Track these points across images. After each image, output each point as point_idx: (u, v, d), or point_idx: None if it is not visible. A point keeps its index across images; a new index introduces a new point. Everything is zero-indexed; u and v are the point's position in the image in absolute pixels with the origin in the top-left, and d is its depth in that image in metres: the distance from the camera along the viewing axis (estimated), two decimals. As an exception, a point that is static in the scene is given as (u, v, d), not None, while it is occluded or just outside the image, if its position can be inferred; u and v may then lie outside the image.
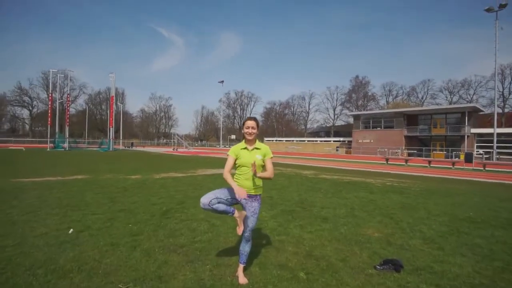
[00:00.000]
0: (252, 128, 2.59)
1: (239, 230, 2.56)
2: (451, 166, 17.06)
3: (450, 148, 32.96)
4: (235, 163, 2.60)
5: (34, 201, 5.48)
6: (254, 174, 2.45)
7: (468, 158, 16.39)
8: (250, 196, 2.60)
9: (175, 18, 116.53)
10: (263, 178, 2.59)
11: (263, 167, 2.64)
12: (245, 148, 2.60)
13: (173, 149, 40.51)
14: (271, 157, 2.70)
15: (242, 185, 2.57)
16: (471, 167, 16.53)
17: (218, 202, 2.50)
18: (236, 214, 2.51)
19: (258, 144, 2.66)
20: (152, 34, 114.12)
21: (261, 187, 2.67)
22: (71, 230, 3.76)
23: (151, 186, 7.65)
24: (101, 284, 2.44)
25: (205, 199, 2.48)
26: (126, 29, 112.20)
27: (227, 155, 2.61)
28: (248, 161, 2.54)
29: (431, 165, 18.33)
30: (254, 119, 2.64)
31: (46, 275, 2.55)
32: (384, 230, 4.15)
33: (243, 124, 2.66)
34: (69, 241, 3.38)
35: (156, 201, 5.68)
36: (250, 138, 2.59)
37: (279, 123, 78.56)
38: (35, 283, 2.42)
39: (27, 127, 68.99)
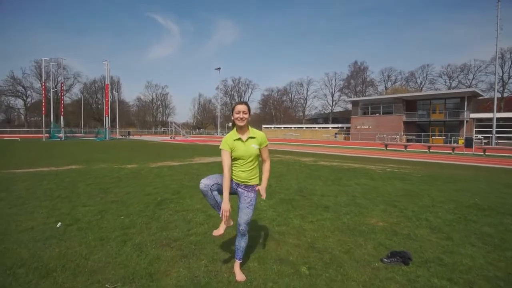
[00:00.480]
0: (244, 112, 2.30)
1: (218, 231, 2.37)
2: (451, 152, 16.93)
3: (449, 134, 32.89)
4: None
5: (23, 193, 5.26)
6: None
7: (468, 143, 16.25)
8: (246, 186, 2.38)
9: (171, 5, 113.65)
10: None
11: (259, 156, 2.42)
12: (239, 139, 2.33)
13: (171, 138, 40.20)
14: (267, 145, 2.47)
15: (237, 177, 2.36)
16: (471, 152, 16.42)
17: (217, 190, 2.31)
18: (222, 219, 2.30)
19: (252, 131, 2.40)
20: (148, 22, 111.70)
21: (257, 177, 2.45)
22: (59, 223, 3.55)
23: (146, 175, 7.43)
24: (86, 283, 2.24)
25: (208, 181, 2.30)
26: (121, 17, 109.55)
27: (220, 149, 2.33)
28: (245, 154, 2.31)
29: (431, 150, 18.20)
30: (245, 103, 2.37)
31: (27, 275, 2.34)
32: (388, 219, 3.98)
33: (233, 110, 2.37)
34: (56, 236, 3.18)
35: (151, 191, 5.47)
36: (241, 124, 2.31)
37: (277, 110, 77.96)
38: (15, 284, 2.22)
39: (23, 117, 68.13)
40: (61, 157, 11.94)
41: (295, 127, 54.84)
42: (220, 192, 2.33)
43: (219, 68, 59.41)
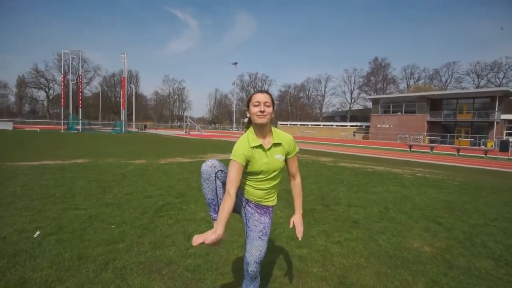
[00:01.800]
0: (266, 104, 1.59)
1: (198, 239, 1.56)
2: (483, 155, 15.57)
3: (478, 135, 30.86)
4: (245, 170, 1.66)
5: (18, 189, 4.81)
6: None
7: (504, 146, 14.88)
8: (258, 206, 1.71)
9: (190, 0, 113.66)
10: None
11: (281, 170, 1.72)
12: (260, 146, 1.62)
13: (185, 132, 40.09)
14: (297, 153, 1.79)
15: (250, 193, 1.68)
16: (507, 157, 15.02)
17: (223, 183, 1.63)
18: (217, 227, 1.57)
19: (276, 134, 1.69)
20: (167, 16, 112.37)
21: (276, 195, 1.77)
22: (38, 232, 3.00)
23: (153, 172, 6.90)
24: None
25: (216, 162, 1.63)
26: (140, 11, 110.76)
27: (232, 160, 1.60)
28: (267, 168, 1.64)
29: (460, 153, 16.86)
30: (267, 92, 1.67)
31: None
32: (435, 242, 3.20)
33: (249, 101, 1.66)
34: (28, 250, 2.62)
35: (153, 193, 4.90)
36: (262, 121, 1.58)
37: (294, 106, 76.67)
38: None
39: (45, 109, 70.27)
40: (72, 150, 11.68)
41: (311, 125, 53.57)
42: (222, 189, 1.65)
43: (236, 63, 58.87)
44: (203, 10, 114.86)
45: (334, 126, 49.74)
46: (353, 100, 69.62)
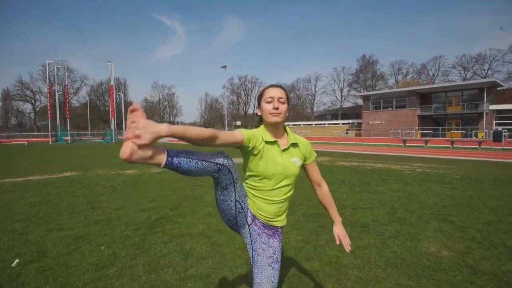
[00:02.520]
0: (281, 101, 1.35)
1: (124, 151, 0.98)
2: (476, 147, 15.63)
3: (469, 127, 31.21)
4: (245, 152, 1.34)
5: (0, 210, 4.45)
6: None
7: (497, 137, 14.94)
8: (267, 226, 1.43)
9: (177, 5, 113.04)
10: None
11: (295, 178, 1.46)
12: (275, 142, 1.37)
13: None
14: (315, 158, 1.53)
15: (259, 209, 1.41)
16: (501, 147, 15.10)
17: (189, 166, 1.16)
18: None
19: (292, 135, 1.44)
20: (154, 23, 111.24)
21: (286, 213, 1.51)
22: (16, 261, 2.67)
23: (145, 183, 6.57)
24: None
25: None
26: (127, 19, 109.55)
27: (238, 131, 1.29)
28: (281, 171, 1.36)
29: (454, 145, 16.91)
30: (281, 87, 1.41)
31: None
32: (452, 245, 2.98)
33: (261, 96, 1.40)
34: (2, 284, 2.30)
35: (146, 206, 4.58)
36: (277, 120, 1.33)
37: (285, 107, 76.53)
38: None
39: (32, 121, 68.69)
40: (59, 162, 11.21)
41: (304, 124, 53.57)
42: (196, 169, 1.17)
43: (225, 66, 58.38)
44: (190, 16, 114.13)
45: (326, 125, 49.81)
46: (343, 98, 69.99)
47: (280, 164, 1.36)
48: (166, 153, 1.10)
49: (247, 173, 1.42)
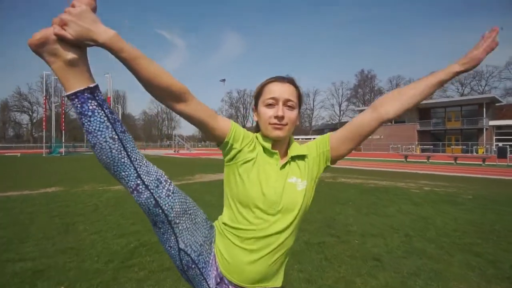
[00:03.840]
0: (288, 104, 0.91)
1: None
2: (481, 163, 15.19)
3: (469, 143, 30.91)
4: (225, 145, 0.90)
5: (-41, 233, 3.90)
6: None
7: (502, 153, 14.53)
8: None
9: (177, 19, 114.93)
10: None
11: (301, 213, 0.95)
12: (271, 152, 0.92)
13: (174, 151, 39.01)
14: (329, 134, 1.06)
15: (235, 263, 0.89)
16: (506, 163, 14.66)
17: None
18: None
19: (295, 144, 1.01)
20: (154, 37, 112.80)
21: (283, 271, 0.99)
22: None
23: (131, 201, 6.02)
24: None
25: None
26: (127, 32, 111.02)
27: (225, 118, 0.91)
28: (274, 196, 0.87)
29: (457, 161, 16.46)
30: (290, 81, 0.95)
31: None
32: (487, 286, 2.46)
33: (259, 93, 0.95)
34: None
35: (127, 229, 4.04)
36: (281, 135, 0.90)
37: (284, 121, 76.54)
38: None
39: (29, 132, 68.12)
40: (47, 176, 10.63)
41: (302, 138, 53.25)
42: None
43: (224, 80, 58.74)
44: (191, 30, 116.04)
45: (325, 139, 49.48)
46: (342, 113, 70.18)
47: (273, 183, 0.88)
48: (90, 84, 0.78)
49: (226, 200, 0.95)
